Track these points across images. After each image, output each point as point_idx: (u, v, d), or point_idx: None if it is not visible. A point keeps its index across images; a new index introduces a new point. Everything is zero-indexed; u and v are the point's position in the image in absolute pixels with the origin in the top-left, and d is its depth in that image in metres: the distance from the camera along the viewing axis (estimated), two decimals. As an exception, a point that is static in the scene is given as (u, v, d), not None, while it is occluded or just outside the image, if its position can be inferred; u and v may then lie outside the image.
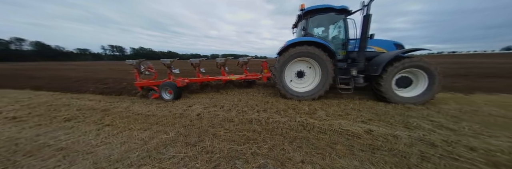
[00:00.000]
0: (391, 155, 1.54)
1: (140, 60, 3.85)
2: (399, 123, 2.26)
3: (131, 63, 3.79)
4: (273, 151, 1.64)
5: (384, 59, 3.09)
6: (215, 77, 4.39)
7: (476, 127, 2.08)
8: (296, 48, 3.34)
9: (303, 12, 3.56)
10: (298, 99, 3.46)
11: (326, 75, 3.39)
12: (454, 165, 1.38)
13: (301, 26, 4.03)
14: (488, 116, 2.47)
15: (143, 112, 2.86)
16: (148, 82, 3.90)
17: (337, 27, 3.75)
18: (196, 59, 4.20)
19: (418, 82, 3.22)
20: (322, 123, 2.28)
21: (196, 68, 4.39)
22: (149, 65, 4.01)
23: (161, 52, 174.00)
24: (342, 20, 3.54)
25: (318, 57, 3.33)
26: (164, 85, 3.56)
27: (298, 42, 3.37)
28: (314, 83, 3.61)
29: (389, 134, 1.92)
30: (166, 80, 3.81)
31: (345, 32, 3.57)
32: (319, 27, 4.00)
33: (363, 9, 3.10)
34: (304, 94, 3.50)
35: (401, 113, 2.66)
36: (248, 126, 2.19)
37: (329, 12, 3.52)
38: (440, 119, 2.36)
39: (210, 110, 2.89)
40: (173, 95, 3.52)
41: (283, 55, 3.42)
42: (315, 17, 3.61)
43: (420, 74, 3.12)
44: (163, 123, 2.36)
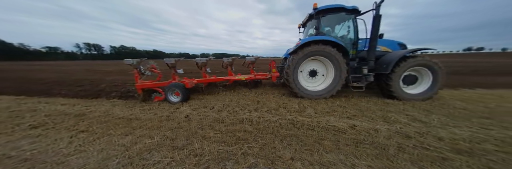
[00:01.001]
0: (372, 148, 1.66)
1: (141, 59, 3.47)
2: (379, 117, 2.44)
3: (130, 63, 3.34)
4: (264, 150, 1.65)
5: (393, 58, 3.21)
6: (223, 77, 4.22)
7: (443, 119, 2.34)
8: (311, 46, 3.31)
9: (316, 11, 3.55)
10: (310, 98, 3.45)
11: (340, 74, 3.41)
12: (425, 154, 1.53)
13: (311, 25, 4.03)
14: (453, 109, 2.79)
15: (125, 116, 2.65)
16: (151, 84, 3.53)
17: (346, 26, 3.75)
18: (202, 58, 3.99)
19: (422, 80, 3.40)
20: (311, 120, 2.36)
21: (202, 68, 4.15)
22: (152, 65, 3.64)
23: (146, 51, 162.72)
24: (351, 20, 3.59)
25: (333, 56, 3.33)
26: (171, 86, 3.29)
27: (313, 41, 3.34)
28: (326, 82, 3.61)
29: (370, 128, 2.06)
30: (171, 81, 3.58)
31: (355, 32, 3.63)
32: (330, 27, 3.98)
33: (374, 10, 3.20)
34: (316, 93, 3.50)
35: (381, 108, 2.88)
36: (239, 126, 2.17)
37: (341, 12, 3.55)
38: (414, 113, 2.60)
39: (199, 111, 2.79)
40: (182, 97, 3.26)
41: (297, 54, 3.35)
42: (326, 17, 3.61)
43: (424, 72, 3.30)
44: (147, 126, 2.22)
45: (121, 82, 6.00)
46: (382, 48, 3.62)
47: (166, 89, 3.33)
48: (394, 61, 3.15)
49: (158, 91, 3.45)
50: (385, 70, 3.21)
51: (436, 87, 3.28)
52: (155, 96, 3.48)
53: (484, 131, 1.97)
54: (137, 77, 3.44)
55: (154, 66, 3.63)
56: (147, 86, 3.49)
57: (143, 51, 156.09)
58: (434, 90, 3.30)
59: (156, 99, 3.47)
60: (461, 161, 1.43)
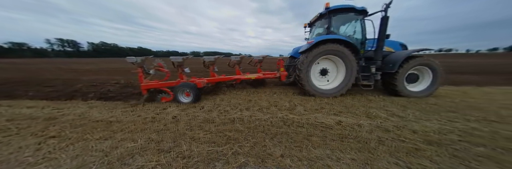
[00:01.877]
0: (356, 142, 1.76)
1: (146, 57, 3.19)
2: (362, 113, 2.60)
3: (133, 61, 3.06)
4: (255, 149, 1.65)
5: (399, 58, 3.39)
6: (233, 76, 4.13)
7: (417, 114, 2.58)
8: (327, 45, 3.35)
9: (328, 11, 3.57)
10: (321, 96, 3.51)
11: (351, 73, 3.50)
12: (401, 146, 1.67)
13: (319, 24, 4.10)
14: (425, 104, 3.09)
15: (104, 119, 2.44)
16: (158, 84, 3.31)
17: (354, 26, 3.84)
18: (211, 57, 3.87)
19: (423, 78, 3.63)
20: (300, 117, 2.42)
21: (210, 67, 4.01)
22: (159, 63, 3.41)
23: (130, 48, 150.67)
24: (360, 21, 3.67)
25: (345, 55, 3.40)
26: (182, 86, 3.12)
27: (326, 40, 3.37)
28: (337, 80, 3.69)
29: (354, 124, 2.18)
30: (180, 81, 3.39)
31: (362, 32, 3.72)
32: (339, 26, 4.03)
33: (382, 11, 3.31)
34: (328, 91, 3.57)
35: (364, 105, 3.07)
36: (230, 126, 2.14)
37: (350, 12, 3.62)
38: (392, 109, 2.82)
39: (188, 111, 2.69)
40: (193, 98, 3.12)
41: (312, 52, 3.37)
42: (337, 16, 3.66)
43: (425, 71, 3.54)
44: (130, 129, 2.07)
45: (100, 81, 5.52)
46: (386, 48, 3.75)
47: (176, 89, 3.14)
48: (400, 61, 3.34)
49: (166, 91, 3.26)
50: (391, 69, 3.39)
51: (436, 85, 3.54)
52: (162, 97, 3.26)
53: (450, 123, 2.22)
54: (141, 76, 3.16)
55: (161, 64, 3.40)
56: (154, 86, 3.25)
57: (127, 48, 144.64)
58: (433, 88, 3.56)
59: (163, 100, 3.24)
60: (431, 151, 1.59)
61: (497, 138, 1.81)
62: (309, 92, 3.54)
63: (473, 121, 2.31)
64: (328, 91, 3.58)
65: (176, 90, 3.14)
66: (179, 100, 3.14)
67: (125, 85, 5.03)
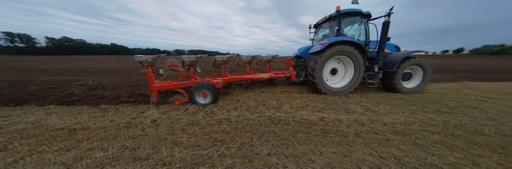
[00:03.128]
0: (336, 136, 1.89)
1: (158, 56, 2.90)
2: (342, 109, 2.81)
3: (143, 59, 2.76)
4: (242, 149, 1.63)
5: (397, 58, 3.80)
6: (245, 76, 4.05)
7: (387, 108, 2.90)
8: (339, 46, 3.54)
9: (338, 14, 3.76)
10: (332, 94, 3.70)
11: (359, 72, 3.78)
12: (374, 137, 1.86)
13: (326, 26, 4.38)
14: (393, 99, 3.49)
15: (66, 126, 2.11)
16: (171, 84, 3.08)
17: (358, 29, 4.09)
18: (223, 56, 3.81)
19: (415, 76, 4.15)
20: (287, 115, 2.48)
21: (223, 66, 3.94)
22: (173, 62, 3.18)
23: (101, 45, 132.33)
24: (364, 24, 3.95)
25: (354, 56, 3.66)
26: (199, 86, 2.95)
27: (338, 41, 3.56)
28: (345, 79, 3.93)
29: (335, 119, 2.34)
30: (196, 81, 3.21)
31: (366, 35, 4.01)
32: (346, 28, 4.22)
33: (385, 16, 3.59)
34: (338, 89, 3.80)
35: (344, 101, 3.32)
36: (216, 128, 2.07)
37: (357, 15, 3.86)
38: (367, 104, 3.12)
39: (170, 114, 2.51)
40: (211, 98, 2.97)
41: (325, 53, 3.53)
42: (346, 19, 3.88)
43: (417, 70, 4.05)
44: (99, 137, 1.83)
45: (61, 83, 4.76)
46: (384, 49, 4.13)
47: (193, 89, 2.96)
48: (399, 61, 3.76)
49: (181, 92, 3.05)
50: (391, 68, 3.80)
51: (425, 82, 4.09)
52: (175, 99, 3.02)
53: (413, 115, 2.55)
54: (152, 77, 2.88)
55: (175, 63, 3.20)
56: (167, 87, 3.04)
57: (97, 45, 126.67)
58: (423, 84, 4.10)
59: (177, 102, 2.99)
60: (398, 140, 1.80)
61: (447, 126, 2.16)
62: (321, 91, 3.72)
63: (429, 112, 2.70)
64: (338, 89, 3.82)
65: (193, 90, 2.97)
66: (196, 102, 2.97)
67: (94, 87, 4.45)
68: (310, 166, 1.39)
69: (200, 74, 3.81)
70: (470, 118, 2.42)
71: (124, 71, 9.05)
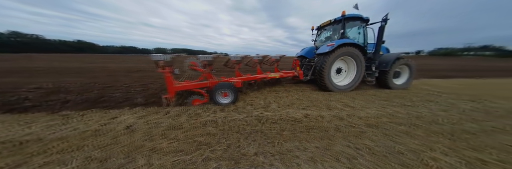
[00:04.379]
0: (319, 131, 2.00)
1: (177, 55, 2.77)
2: (324, 106, 2.99)
3: (161, 59, 2.63)
4: (228, 151, 1.60)
5: (390, 59, 4.35)
6: (258, 76, 4.09)
7: (362, 103, 3.19)
8: (345, 47, 3.90)
9: (344, 18, 4.12)
10: (338, 91, 4.08)
11: (361, 71, 4.22)
12: (352, 131, 2.03)
13: (332, 28, 4.75)
14: (368, 95, 3.87)
15: (13, 138, 1.75)
16: (191, 85, 3.00)
17: (358, 32, 4.52)
18: (237, 55, 3.86)
19: (403, 74, 4.81)
20: (274, 114, 2.53)
21: (236, 66, 4.00)
22: (192, 62, 3.16)
23: (63, 41, 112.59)
24: (362, 28, 4.40)
25: (358, 56, 4.09)
26: (221, 86, 2.94)
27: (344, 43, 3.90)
28: (349, 78, 4.36)
29: (318, 115, 2.48)
30: (215, 81, 3.17)
31: (364, 37, 4.46)
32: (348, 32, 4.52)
33: (381, 22, 4.00)
34: (342, 87, 4.19)
35: (326, 98, 3.54)
36: (201, 130, 1.98)
37: (358, 20, 4.28)
38: (346, 100, 3.39)
39: (148, 118, 2.30)
40: (233, 98, 3.00)
41: (334, 53, 3.85)
42: (349, 23, 4.27)
43: (405, 69, 4.72)
44: (58, 149, 1.57)
45: (9, 86, 3.97)
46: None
47: (214, 89, 2.93)
48: (391, 61, 4.31)
49: (201, 93, 3.01)
50: (385, 67, 4.35)
51: (411, 79, 4.80)
52: (194, 99, 2.94)
53: (383, 109, 2.87)
54: (169, 77, 2.75)
55: (195, 63, 3.17)
56: (186, 87, 2.96)
57: (57, 41, 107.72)
58: (410, 81, 4.80)
59: (196, 102, 2.91)
60: (371, 132, 2.00)
61: (410, 118, 2.48)
62: (329, 88, 4.07)
63: (396, 106, 3.07)
64: (342, 87, 4.21)
65: (214, 90, 2.94)
66: (218, 102, 2.96)
67: (55, 90, 3.83)
68: (295, 162, 1.45)
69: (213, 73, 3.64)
70: (428, 110, 2.84)
71: (94, 71, 8.00)
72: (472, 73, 9.93)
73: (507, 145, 1.72)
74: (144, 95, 3.61)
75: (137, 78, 5.99)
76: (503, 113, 2.73)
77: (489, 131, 2.07)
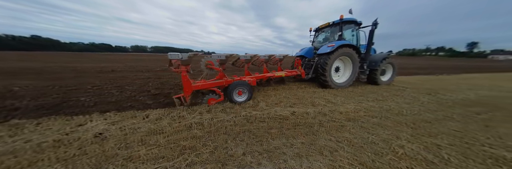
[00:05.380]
0: (304, 127, 2.10)
1: (194, 54, 2.70)
2: (309, 103, 3.15)
3: (178, 58, 2.60)
4: (215, 154, 1.55)
5: (379, 58, 4.99)
6: (266, 74, 4.27)
7: (343, 99, 3.46)
8: (344, 48, 4.29)
9: (341, 21, 4.56)
10: (337, 88, 4.47)
11: (356, 70, 4.69)
12: (334, 125, 2.18)
13: (329, 30, 5.17)
14: (347, 92, 4.21)
15: None
16: (208, 84, 3.02)
17: (352, 35, 4.96)
18: (247, 55, 3.97)
19: (388, 72, 5.56)
20: (262, 113, 2.55)
21: (246, 65, 4.15)
22: (209, 61, 3.16)
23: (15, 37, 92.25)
24: (356, 31, 4.90)
25: (353, 56, 4.53)
26: (237, 84, 3.04)
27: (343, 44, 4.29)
28: (345, 76, 4.79)
29: (304, 112, 2.59)
30: (229, 80, 3.25)
31: (357, 39, 4.95)
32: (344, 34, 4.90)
33: (371, 26, 4.54)
34: (341, 84, 4.60)
35: (311, 96, 3.72)
36: (185, 134, 1.87)
37: (352, 23, 4.77)
38: (328, 97, 3.62)
39: (123, 124, 2.08)
40: (248, 95, 3.16)
41: (334, 54, 4.20)
42: (345, 26, 4.72)
43: (389, 67, 5.45)
44: (4, 166, 1.30)
45: None
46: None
47: (230, 88, 3.00)
48: (380, 60, 4.93)
49: (216, 91, 3.00)
50: (375, 66, 4.97)
51: (394, 76, 5.60)
52: (209, 98, 2.93)
53: (360, 104, 3.16)
54: (186, 76, 2.71)
55: (212, 62, 3.18)
56: (204, 87, 2.97)
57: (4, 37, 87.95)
58: (393, 78, 5.58)
59: (211, 101, 2.91)
60: (350, 125, 2.18)
61: (382, 111, 2.78)
62: (329, 85, 4.42)
63: (370, 101, 3.41)
64: (341, 84, 4.62)
65: (230, 89, 3.00)
66: (234, 100, 3.03)
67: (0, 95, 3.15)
68: (282, 159, 1.48)
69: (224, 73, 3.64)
70: (395, 104, 3.22)
71: (56, 72, 6.84)
72: (429, 71, 11.68)
73: (454, 131, 2.08)
74: (118, 98, 3.25)
75: (110, 79, 5.34)
76: (451, 104, 3.28)
77: (441, 119, 2.46)
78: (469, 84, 5.90)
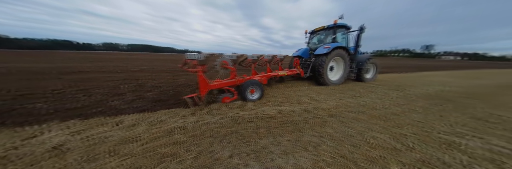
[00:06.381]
0: (291, 125, 2.16)
1: (211, 54, 2.83)
2: (295, 101, 3.26)
3: (195, 58, 2.64)
4: (199, 159, 1.47)
5: (364, 59, 5.70)
6: (271, 74, 4.44)
7: (325, 97, 3.67)
8: (337, 50, 4.83)
9: (335, 26, 5.15)
10: (332, 85, 4.97)
11: (347, 69, 5.30)
12: (317, 121, 2.30)
13: (324, 33, 5.77)
14: (329, 90, 4.50)
15: None
16: (223, 83, 3.17)
17: (343, 38, 5.63)
18: (254, 55, 4.07)
19: (371, 70, 6.31)
20: (250, 113, 2.53)
21: (252, 65, 4.30)
22: (224, 61, 3.30)
23: None
24: (346, 34, 5.58)
25: (346, 57, 5.12)
26: (250, 84, 3.20)
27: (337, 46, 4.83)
28: (338, 74, 5.36)
29: (290, 110, 2.67)
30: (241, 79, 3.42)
31: (347, 42, 5.62)
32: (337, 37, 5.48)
33: (358, 30, 5.17)
34: (335, 81, 5.13)
35: (297, 94, 3.86)
36: (166, 140, 1.74)
37: (343, 28, 5.41)
38: (312, 95, 3.81)
39: (89, 133, 1.82)
40: (260, 94, 3.33)
41: (330, 55, 4.71)
42: (338, 30, 5.29)
43: (372, 66, 6.23)
44: None
45: None
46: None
47: (244, 86, 3.13)
48: (365, 61, 5.65)
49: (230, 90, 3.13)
50: (361, 65, 5.65)
51: (376, 74, 6.40)
52: (223, 97, 3.03)
53: (340, 100, 3.40)
54: (203, 76, 2.78)
55: (226, 62, 3.33)
56: (219, 86, 3.11)
57: None
58: (375, 76, 6.38)
59: (225, 100, 3.01)
60: (331, 121, 2.33)
61: (358, 106, 3.04)
62: (326, 83, 4.90)
63: (349, 97, 3.71)
64: (334, 81, 5.16)
65: (244, 87, 3.13)
66: (247, 98, 3.17)
67: None
68: (269, 158, 1.50)
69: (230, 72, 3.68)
70: (370, 99, 3.56)
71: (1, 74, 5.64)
72: (397, 69, 13.30)
73: (417, 121, 2.39)
74: (85, 103, 2.84)
75: (75, 82, 4.65)
76: (415, 98, 3.78)
77: (407, 112, 2.81)
78: (427, 80, 6.89)
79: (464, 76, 9.22)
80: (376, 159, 1.47)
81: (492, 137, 1.92)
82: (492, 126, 2.26)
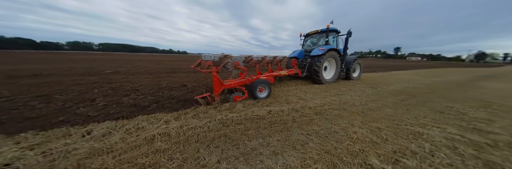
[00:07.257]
0: (279, 125, 2.18)
1: (224, 55, 2.86)
2: (284, 101, 3.33)
3: (210, 59, 2.74)
4: (184, 167, 1.37)
5: (351, 59, 6.42)
6: (273, 73, 4.67)
7: (311, 96, 3.84)
8: (331, 51, 5.39)
9: (328, 30, 5.75)
10: (326, 83, 5.49)
11: (338, 69, 5.92)
12: (305, 120, 2.37)
13: (317, 36, 6.34)
14: (315, 89, 4.73)
15: None
16: (235, 83, 3.29)
17: (333, 41, 6.23)
18: (259, 56, 4.25)
19: (357, 70, 7.03)
20: (239, 115, 2.48)
21: (257, 65, 4.51)
22: (236, 61, 3.39)
23: None
24: (336, 37, 6.26)
25: (338, 58, 5.75)
26: (259, 83, 3.37)
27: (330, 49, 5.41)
28: (331, 73, 5.96)
29: (279, 110, 2.71)
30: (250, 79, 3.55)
31: (337, 44, 6.27)
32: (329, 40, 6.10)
33: (346, 34, 5.81)
34: (328, 80, 5.65)
35: (285, 94, 3.96)
36: (145, 149, 1.58)
37: (334, 32, 6.05)
38: (300, 94, 3.94)
39: (50, 146, 1.54)
40: (268, 92, 3.52)
41: (325, 56, 5.22)
42: (330, 33, 5.94)
43: (358, 66, 6.95)
44: None
45: None
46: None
47: (254, 86, 3.30)
48: (352, 61, 6.36)
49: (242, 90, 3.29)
50: (349, 66, 6.32)
51: (361, 73, 7.17)
52: (235, 96, 3.16)
53: (324, 99, 3.59)
54: (216, 76, 2.87)
55: (238, 62, 3.45)
56: (232, 85, 3.24)
57: None
58: (360, 74, 7.14)
59: (236, 99, 3.17)
60: (317, 119, 2.43)
61: (341, 104, 3.26)
62: (321, 82, 5.37)
63: (332, 96, 3.95)
64: (328, 80, 5.67)
65: (253, 86, 3.29)
66: (257, 96, 3.33)
67: None
68: (259, 159, 1.48)
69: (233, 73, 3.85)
70: (350, 97, 3.85)
71: None
72: (372, 69, 14.78)
73: (389, 115, 2.66)
74: (42, 112, 2.42)
75: (30, 87, 3.94)
76: (386, 95, 4.22)
77: (381, 107, 3.12)
78: (396, 78, 7.80)
79: (425, 74, 10.72)
80: (357, 152, 1.58)
81: (447, 126, 2.26)
82: (446, 116, 2.66)
